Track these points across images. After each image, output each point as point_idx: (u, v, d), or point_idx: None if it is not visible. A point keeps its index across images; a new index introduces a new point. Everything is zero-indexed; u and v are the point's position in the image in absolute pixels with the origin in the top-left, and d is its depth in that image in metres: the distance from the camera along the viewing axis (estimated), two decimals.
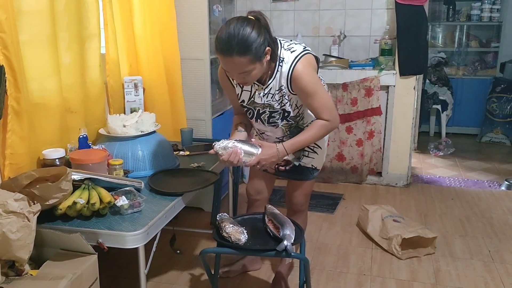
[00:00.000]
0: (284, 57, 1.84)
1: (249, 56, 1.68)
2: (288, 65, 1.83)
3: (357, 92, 3.59)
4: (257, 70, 1.75)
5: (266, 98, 1.92)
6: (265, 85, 1.89)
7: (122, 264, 2.47)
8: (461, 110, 5.36)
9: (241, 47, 1.66)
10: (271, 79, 1.87)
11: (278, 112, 1.96)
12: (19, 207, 1.46)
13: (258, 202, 2.33)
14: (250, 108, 2.00)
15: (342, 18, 3.85)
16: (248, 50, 1.67)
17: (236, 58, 1.67)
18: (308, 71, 1.83)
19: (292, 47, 1.87)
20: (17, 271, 1.52)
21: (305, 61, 1.84)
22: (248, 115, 2.04)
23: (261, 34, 1.70)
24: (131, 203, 1.80)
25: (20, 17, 1.85)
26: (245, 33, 1.66)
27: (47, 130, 2.05)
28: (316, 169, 2.15)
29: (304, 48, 1.88)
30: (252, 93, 1.94)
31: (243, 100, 1.99)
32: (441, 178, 3.98)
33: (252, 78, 1.78)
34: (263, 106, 1.95)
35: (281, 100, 1.92)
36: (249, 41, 1.66)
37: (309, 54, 1.87)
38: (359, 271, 2.49)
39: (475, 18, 5.29)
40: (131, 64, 2.72)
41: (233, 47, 1.66)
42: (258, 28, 1.70)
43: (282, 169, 2.15)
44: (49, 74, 2.03)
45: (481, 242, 2.79)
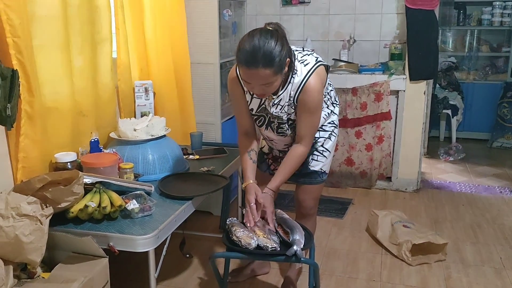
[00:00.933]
0: (297, 69, 1.84)
1: (274, 68, 1.68)
2: (301, 78, 1.84)
3: (366, 96, 3.58)
4: (278, 82, 1.76)
5: (275, 109, 1.93)
6: (276, 95, 1.89)
7: (132, 267, 2.48)
8: (472, 115, 5.32)
9: (267, 60, 1.66)
10: (283, 90, 1.87)
11: (287, 123, 1.97)
12: (32, 210, 1.47)
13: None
14: (262, 115, 1.99)
15: (352, 23, 3.85)
16: (273, 62, 1.67)
17: (261, 70, 1.67)
18: (318, 89, 1.85)
19: (305, 59, 1.87)
20: (29, 274, 1.53)
21: (318, 77, 1.85)
22: (258, 123, 2.04)
23: (283, 46, 1.71)
24: (142, 206, 1.81)
25: (34, 22, 1.88)
26: (270, 45, 1.67)
27: (59, 133, 2.07)
28: (325, 173, 2.15)
29: (316, 59, 1.88)
30: (263, 101, 1.94)
31: (252, 108, 1.99)
32: (452, 183, 3.95)
33: (271, 90, 1.79)
34: (272, 115, 1.96)
35: (288, 110, 1.93)
36: (274, 53, 1.67)
37: (321, 66, 1.88)
38: (368, 277, 2.48)
39: (485, 22, 5.26)
40: (142, 68, 2.74)
41: (259, 59, 1.65)
42: (281, 40, 1.71)
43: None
44: (62, 78, 2.06)
45: (493, 249, 2.76)
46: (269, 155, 2.24)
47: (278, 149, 2.16)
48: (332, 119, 2.11)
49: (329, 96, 2.07)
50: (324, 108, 2.03)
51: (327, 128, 2.09)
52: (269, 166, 2.25)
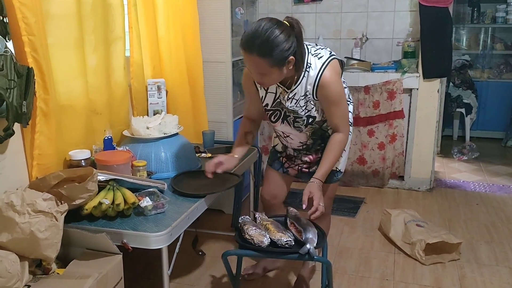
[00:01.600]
0: (311, 63, 1.83)
1: (269, 60, 1.66)
2: (316, 72, 1.82)
3: (379, 95, 3.56)
4: (276, 75, 1.74)
5: (290, 103, 1.92)
6: (290, 89, 1.88)
7: (145, 264, 2.49)
8: (486, 114, 5.26)
9: (263, 48, 1.64)
10: (297, 84, 1.86)
11: (302, 118, 1.95)
12: (48, 207, 1.49)
13: (273, 206, 2.32)
14: (277, 109, 1.98)
15: (364, 21, 3.82)
16: (269, 53, 1.65)
17: (255, 57, 1.66)
18: (335, 80, 1.84)
19: (319, 53, 1.86)
20: (44, 270, 1.55)
21: (332, 69, 1.84)
22: (273, 119, 2.03)
23: (288, 41, 1.67)
24: (155, 204, 1.82)
25: (49, 21, 1.89)
26: (271, 35, 1.64)
27: (73, 131, 2.09)
28: (340, 172, 2.14)
29: (330, 53, 1.88)
30: (277, 95, 1.94)
31: (267, 103, 1.99)
32: (465, 182, 3.91)
33: (269, 81, 1.79)
34: (288, 110, 1.95)
35: (305, 106, 1.91)
36: (273, 44, 1.64)
37: (335, 59, 1.87)
38: (381, 276, 2.46)
39: (500, 20, 5.19)
40: (155, 67, 2.75)
41: (255, 45, 1.64)
42: (288, 35, 1.67)
43: (306, 171, 2.15)
44: (76, 76, 2.07)
45: (507, 249, 2.72)
46: (282, 154, 2.23)
47: (293, 147, 2.14)
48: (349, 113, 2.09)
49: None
50: None
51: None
52: (282, 164, 2.23)
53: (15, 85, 1.62)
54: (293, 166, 2.18)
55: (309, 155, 2.11)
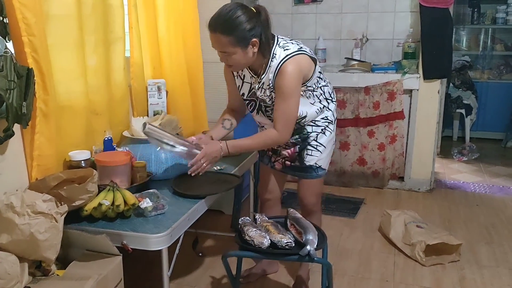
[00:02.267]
0: (276, 53, 1.89)
1: (231, 38, 1.77)
2: (278, 61, 1.88)
3: (379, 95, 3.55)
4: (239, 56, 1.83)
5: (260, 92, 2.00)
6: (260, 78, 1.95)
7: (145, 265, 2.49)
8: (486, 115, 5.25)
9: (226, 26, 1.77)
10: (264, 74, 1.94)
11: (271, 107, 2.01)
12: (47, 208, 1.48)
13: (269, 202, 2.34)
14: (252, 99, 2.07)
15: (365, 21, 3.82)
16: (231, 31, 1.77)
17: (219, 35, 1.79)
18: (292, 73, 1.86)
19: (287, 46, 1.91)
20: (44, 271, 1.54)
21: (295, 62, 1.87)
22: (250, 108, 2.11)
23: (250, 22, 1.79)
24: (155, 205, 1.81)
25: (49, 21, 1.88)
26: (233, 14, 1.77)
27: (73, 132, 2.08)
28: (321, 168, 2.14)
29: (299, 48, 1.90)
30: (252, 85, 2.01)
31: (243, 93, 2.08)
32: (465, 183, 3.91)
33: (234, 63, 1.87)
34: (260, 99, 2.03)
35: (271, 96, 1.97)
36: (234, 23, 1.77)
37: (303, 54, 1.89)
38: (381, 277, 2.46)
39: (500, 21, 5.19)
40: (155, 67, 2.75)
41: (218, 24, 1.78)
42: (250, 17, 1.79)
43: (288, 164, 2.18)
44: (76, 76, 2.07)
45: (508, 250, 2.72)
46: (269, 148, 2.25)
47: None
48: (326, 114, 2.10)
49: (322, 91, 2.06)
50: (315, 102, 2.04)
51: (319, 124, 2.09)
52: (270, 158, 2.26)
53: (15, 86, 1.62)
54: (278, 160, 2.21)
55: (287, 149, 2.14)
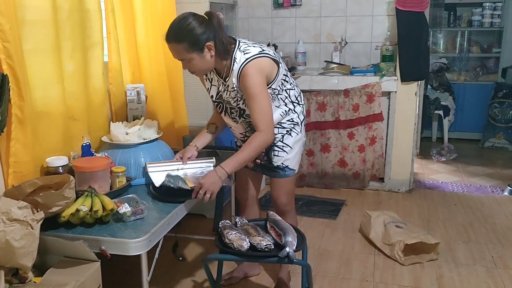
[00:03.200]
0: (236, 57, 1.93)
1: (185, 44, 1.84)
2: (239, 65, 1.92)
3: (358, 98, 3.60)
4: (197, 61, 1.89)
5: (226, 95, 2.04)
6: (225, 81, 2.00)
7: (124, 271, 2.47)
8: (463, 116, 5.36)
9: (177, 35, 1.84)
10: (229, 77, 1.98)
11: (235, 109, 2.06)
12: (23, 215, 1.47)
13: (247, 201, 2.39)
14: (220, 101, 2.12)
15: (343, 25, 3.87)
16: (183, 39, 1.83)
17: (174, 44, 1.86)
18: (254, 73, 1.90)
19: (247, 49, 1.94)
20: (21, 279, 1.53)
21: (256, 64, 1.91)
22: (219, 110, 2.16)
23: (201, 27, 1.84)
24: (134, 210, 1.81)
25: (24, 27, 1.87)
26: (184, 23, 1.84)
27: (50, 138, 2.06)
28: (288, 168, 2.16)
29: (260, 51, 1.93)
30: (219, 88, 2.06)
31: (212, 95, 2.13)
32: (444, 183, 3.98)
33: (194, 68, 1.93)
34: (226, 101, 2.07)
35: (236, 98, 2.02)
36: (186, 30, 1.83)
37: (264, 57, 1.93)
38: (361, 277, 2.49)
39: (476, 23, 5.30)
40: (134, 72, 2.74)
41: (171, 34, 1.86)
42: (201, 23, 1.85)
43: (258, 162, 2.21)
44: (53, 82, 2.05)
45: (484, 248, 2.78)
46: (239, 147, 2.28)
47: (238, 138, 2.26)
48: (292, 117, 2.13)
49: (287, 95, 2.10)
50: (281, 105, 2.08)
51: (285, 126, 2.13)
52: None
53: None
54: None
55: None
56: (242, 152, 1.97)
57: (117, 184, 2.06)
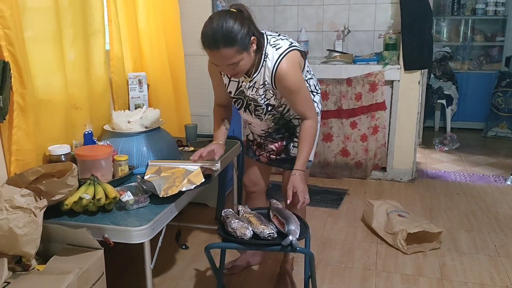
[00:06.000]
0: (268, 53, 1.87)
1: (236, 47, 1.72)
2: (273, 62, 1.86)
3: (361, 87, 3.58)
4: (245, 60, 1.79)
5: (251, 92, 1.97)
6: (251, 77, 1.92)
7: (127, 259, 2.48)
8: (466, 105, 5.33)
9: (227, 39, 1.71)
10: (256, 73, 1.91)
11: (262, 107, 2.00)
12: (26, 203, 1.47)
13: (255, 193, 2.36)
14: (240, 97, 2.04)
15: (346, 13, 3.84)
16: (234, 41, 1.71)
17: (223, 50, 1.72)
18: (291, 70, 1.87)
19: (277, 43, 1.89)
20: (24, 266, 1.53)
21: (289, 60, 1.86)
22: (237, 106, 2.09)
23: (244, 25, 1.75)
24: (137, 198, 1.81)
25: (25, 14, 1.86)
26: (228, 25, 1.71)
27: (52, 126, 2.06)
28: (309, 160, 2.15)
29: (290, 44, 1.90)
30: (240, 84, 1.99)
31: (230, 91, 2.05)
32: (446, 173, 3.97)
33: (241, 69, 1.82)
34: (249, 98, 2.00)
35: (265, 95, 1.96)
36: (233, 32, 1.71)
37: (295, 50, 1.89)
38: (364, 266, 2.49)
39: (480, 12, 5.25)
40: (135, 60, 2.72)
41: (219, 40, 1.70)
42: (241, 19, 1.75)
43: (273, 157, 2.19)
44: (54, 70, 2.04)
45: (487, 237, 2.78)
46: (254, 142, 2.28)
47: (257, 134, 2.20)
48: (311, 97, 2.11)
49: (308, 85, 2.07)
50: None
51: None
52: (254, 152, 2.28)
53: None
54: (263, 153, 2.23)
55: (275, 143, 2.16)
56: (305, 146, 1.95)
57: (120, 173, 2.06)
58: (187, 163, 2.11)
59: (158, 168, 2.06)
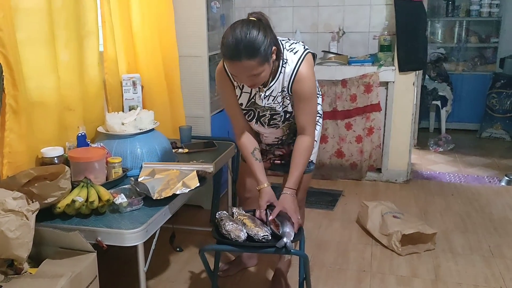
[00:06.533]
0: (287, 58, 1.83)
1: (258, 58, 1.67)
2: (292, 66, 1.83)
3: (356, 88, 3.58)
4: (266, 71, 1.74)
5: (267, 101, 1.91)
6: (267, 86, 1.87)
7: (121, 262, 2.47)
8: (461, 106, 5.35)
9: (250, 50, 1.65)
10: (274, 81, 1.86)
11: (280, 114, 1.96)
12: (18, 206, 1.46)
13: (248, 200, 2.33)
14: (251, 109, 1.97)
15: (341, 14, 3.84)
16: (257, 53, 1.66)
17: (245, 61, 1.66)
18: (310, 75, 1.85)
19: (293, 47, 1.87)
20: (16, 270, 1.52)
21: (308, 63, 1.85)
22: (247, 118, 2.02)
23: (267, 35, 1.69)
24: (130, 201, 1.80)
25: (18, 15, 1.84)
26: (252, 36, 1.65)
27: (45, 128, 2.05)
28: (312, 162, 2.15)
29: (304, 47, 1.88)
30: (252, 95, 1.93)
31: (241, 103, 1.97)
32: (441, 174, 3.98)
33: (261, 80, 1.77)
34: (263, 109, 1.94)
35: (283, 102, 1.92)
36: (256, 43, 1.65)
37: (309, 53, 1.88)
38: (359, 267, 2.49)
39: (474, 13, 5.27)
40: (129, 62, 2.71)
41: (241, 51, 1.64)
42: (264, 30, 1.69)
43: (278, 162, 2.17)
44: (47, 72, 2.03)
45: (481, 238, 2.79)
46: None
47: (267, 143, 2.15)
48: (317, 108, 2.10)
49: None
50: None
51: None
52: None
53: None
54: (265, 160, 2.19)
55: (282, 148, 2.12)
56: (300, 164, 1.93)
57: (113, 175, 2.04)
58: (181, 165, 2.11)
59: (152, 170, 2.06)
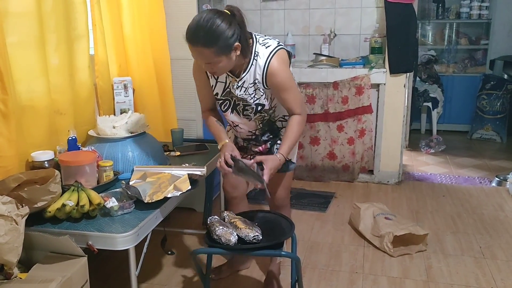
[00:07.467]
0: (258, 51, 1.87)
1: (215, 48, 1.69)
2: (263, 60, 1.86)
3: (347, 90, 3.60)
4: (224, 63, 1.77)
5: (240, 91, 1.95)
6: (239, 77, 1.92)
7: (112, 266, 2.45)
8: (452, 108, 5.39)
9: (207, 39, 1.68)
10: (245, 73, 1.90)
11: (251, 106, 1.99)
12: (7, 210, 1.44)
13: (236, 199, 2.33)
14: (227, 99, 2.02)
15: (332, 17, 3.86)
16: (214, 42, 1.68)
17: (201, 48, 1.70)
18: (283, 67, 1.88)
19: (266, 42, 1.90)
20: (6, 275, 1.51)
21: (279, 57, 1.88)
22: (223, 108, 2.06)
23: (231, 28, 1.71)
24: (121, 204, 1.79)
25: (7, 19, 1.83)
26: (213, 25, 1.68)
27: (35, 132, 2.04)
28: (291, 161, 2.16)
29: (278, 43, 1.92)
30: (227, 85, 1.97)
31: (217, 92, 2.02)
32: (432, 175, 4.00)
33: (220, 70, 1.81)
34: (237, 98, 1.99)
35: (254, 94, 1.95)
36: (216, 33, 1.68)
37: (283, 49, 1.91)
38: (351, 269, 2.50)
39: (464, 15, 5.32)
40: (121, 65, 2.71)
41: (200, 37, 1.68)
42: (229, 22, 1.72)
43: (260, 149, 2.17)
44: (37, 75, 2.02)
45: (472, 239, 2.81)
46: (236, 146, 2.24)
47: (242, 137, 2.18)
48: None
49: None
50: None
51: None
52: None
53: None
54: (246, 157, 2.19)
55: (259, 146, 2.15)
56: (291, 136, 1.93)
57: (104, 178, 2.04)
58: (172, 168, 2.10)
59: (144, 173, 2.05)
